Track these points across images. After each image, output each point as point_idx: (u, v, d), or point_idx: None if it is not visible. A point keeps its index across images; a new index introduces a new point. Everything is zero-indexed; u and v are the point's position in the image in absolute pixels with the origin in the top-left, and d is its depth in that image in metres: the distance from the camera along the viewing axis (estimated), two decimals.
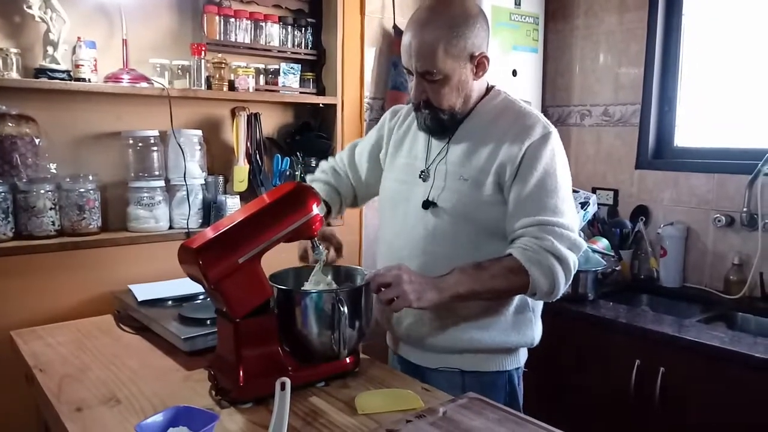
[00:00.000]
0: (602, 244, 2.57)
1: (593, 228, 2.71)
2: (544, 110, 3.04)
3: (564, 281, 1.34)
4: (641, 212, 2.69)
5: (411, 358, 1.55)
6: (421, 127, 1.50)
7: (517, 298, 1.46)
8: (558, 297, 1.38)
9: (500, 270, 1.34)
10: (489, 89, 1.52)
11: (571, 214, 1.38)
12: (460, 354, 1.47)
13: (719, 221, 2.41)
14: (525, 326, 1.49)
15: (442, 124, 1.45)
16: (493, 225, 1.41)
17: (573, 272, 1.36)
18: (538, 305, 1.53)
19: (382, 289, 1.29)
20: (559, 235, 1.33)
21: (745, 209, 2.31)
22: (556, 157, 1.39)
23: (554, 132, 1.42)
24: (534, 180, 1.36)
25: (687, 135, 2.67)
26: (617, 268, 2.48)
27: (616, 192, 2.81)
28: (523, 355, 1.56)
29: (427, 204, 1.45)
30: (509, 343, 1.48)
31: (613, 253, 2.55)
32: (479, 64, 1.42)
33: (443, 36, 1.34)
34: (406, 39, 1.40)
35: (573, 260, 1.35)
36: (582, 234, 2.62)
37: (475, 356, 1.48)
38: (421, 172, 1.50)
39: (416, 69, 1.39)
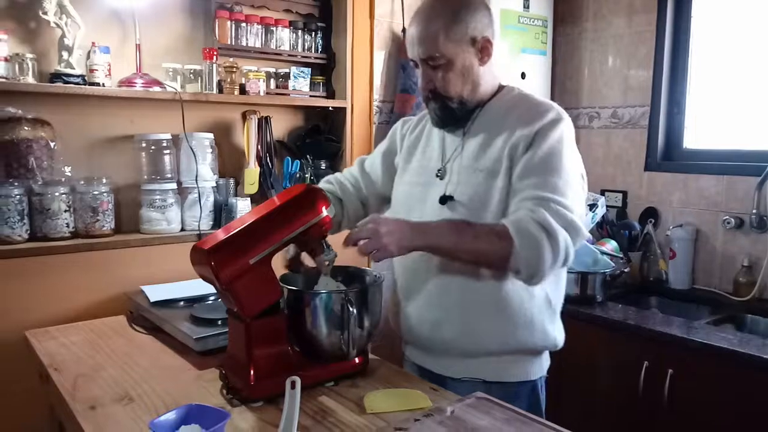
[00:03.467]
0: (611, 245, 2.57)
1: (602, 230, 2.71)
2: None
3: (551, 258, 1.27)
4: (650, 214, 2.69)
5: (432, 367, 1.51)
6: (434, 121, 1.50)
7: (535, 299, 1.42)
8: (541, 278, 1.30)
9: (486, 232, 1.31)
10: (501, 88, 1.52)
11: (573, 197, 1.33)
12: (483, 358, 1.44)
13: (728, 223, 2.40)
14: (546, 325, 1.45)
15: (452, 114, 1.45)
16: None
17: (563, 253, 1.28)
18: (558, 303, 1.50)
19: (360, 242, 1.27)
20: (554, 211, 1.28)
21: (754, 211, 2.31)
22: (564, 141, 1.36)
23: (567, 119, 1.40)
24: (537, 159, 1.34)
25: (696, 137, 2.66)
26: (626, 270, 2.48)
27: (625, 194, 2.81)
28: (546, 361, 1.53)
29: (444, 199, 1.44)
30: (531, 344, 1.44)
31: (621, 255, 2.55)
32: (483, 48, 1.42)
33: (443, 21, 1.38)
34: (409, 31, 1.43)
35: (564, 238, 1.28)
36: (587, 231, 2.63)
37: (498, 361, 1.44)
38: (438, 170, 1.49)
39: (419, 55, 1.41)
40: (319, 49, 2.57)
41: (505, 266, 1.32)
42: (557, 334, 1.49)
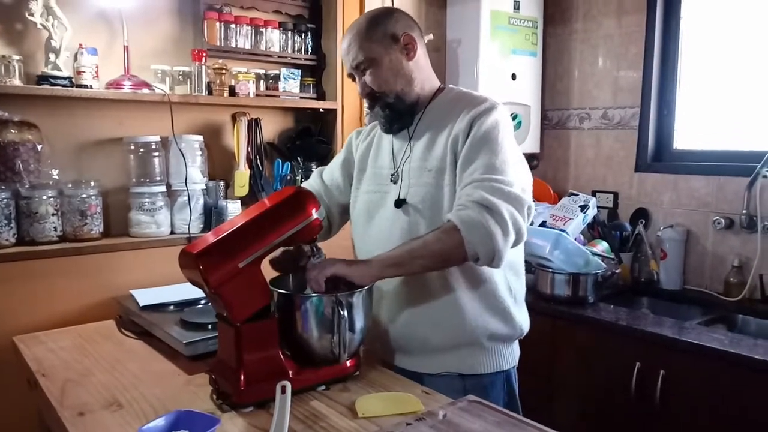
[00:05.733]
0: (602, 247, 2.58)
1: (593, 231, 2.72)
2: (544, 113, 3.06)
3: (501, 235, 1.28)
4: (641, 215, 2.70)
5: (406, 365, 1.53)
6: (382, 126, 1.57)
7: (497, 288, 1.47)
8: (501, 257, 1.30)
9: (434, 235, 1.34)
10: (442, 89, 1.57)
11: (512, 174, 1.35)
12: (455, 351, 1.47)
13: (719, 223, 2.41)
14: (511, 311, 1.50)
15: (394, 110, 1.51)
16: None
17: (511, 225, 1.29)
18: (520, 291, 1.54)
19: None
20: (490, 187, 1.31)
21: (744, 211, 2.32)
22: (499, 125, 1.41)
23: (501, 108, 1.45)
24: (472, 144, 1.39)
25: (686, 138, 2.67)
26: (617, 271, 2.48)
27: (615, 195, 2.82)
28: (516, 351, 1.57)
29: (399, 203, 1.49)
30: (499, 330, 1.48)
31: (613, 256, 2.55)
32: (407, 44, 1.49)
33: (362, 29, 1.48)
34: (341, 50, 1.53)
35: (508, 211, 1.29)
36: (584, 236, 2.63)
37: (471, 353, 1.48)
38: (392, 175, 1.54)
39: (351, 66, 1.50)
40: (309, 51, 2.56)
41: (464, 257, 1.33)
42: (522, 321, 1.54)
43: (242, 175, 2.35)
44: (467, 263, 1.37)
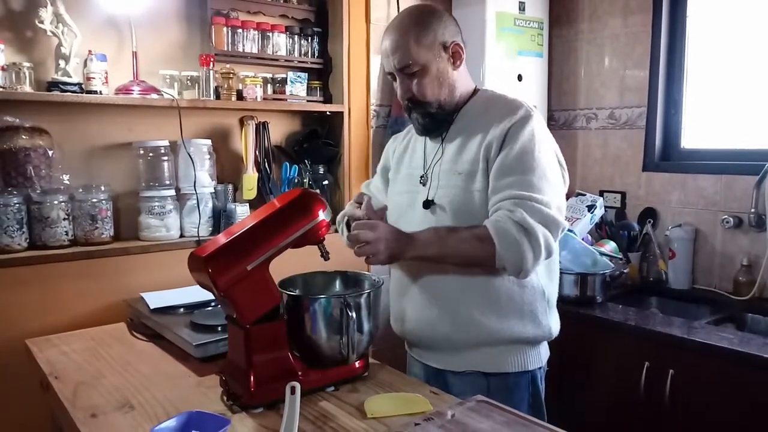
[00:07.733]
0: (610, 246, 2.57)
1: (601, 231, 2.72)
2: (550, 114, 3.06)
3: (532, 256, 1.33)
4: (649, 214, 2.69)
5: (432, 362, 1.55)
6: (418, 130, 1.56)
7: (527, 290, 1.47)
8: (527, 273, 1.36)
9: (470, 236, 1.37)
10: (476, 91, 1.57)
11: (550, 192, 1.38)
12: (481, 349, 1.47)
13: (727, 222, 2.40)
14: (539, 315, 1.49)
15: (434, 119, 1.51)
16: None
17: (544, 247, 1.34)
18: (553, 295, 1.54)
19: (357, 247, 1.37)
20: (530, 208, 1.33)
21: (753, 210, 2.31)
22: (535, 137, 1.41)
23: (536, 115, 1.45)
24: (511, 158, 1.39)
25: (694, 136, 2.67)
26: (625, 271, 2.48)
27: (623, 194, 2.81)
28: (544, 352, 1.56)
29: (428, 204, 1.50)
30: (524, 333, 1.47)
31: (621, 256, 2.55)
32: (454, 53, 1.48)
33: (412, 30, 1.44)
34: (383, 45, 1.50)
35: (543, 234, 1.33)
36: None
37: (496, 352, 1.47)
38: (421, 177, 1.55)
39: (395, 66, 1.47)
40: (316, 54, 2.57)
41: (491, 265, 1.37)
42: (552, 324, 1.53)
43: (250, 178, 2.36)
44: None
